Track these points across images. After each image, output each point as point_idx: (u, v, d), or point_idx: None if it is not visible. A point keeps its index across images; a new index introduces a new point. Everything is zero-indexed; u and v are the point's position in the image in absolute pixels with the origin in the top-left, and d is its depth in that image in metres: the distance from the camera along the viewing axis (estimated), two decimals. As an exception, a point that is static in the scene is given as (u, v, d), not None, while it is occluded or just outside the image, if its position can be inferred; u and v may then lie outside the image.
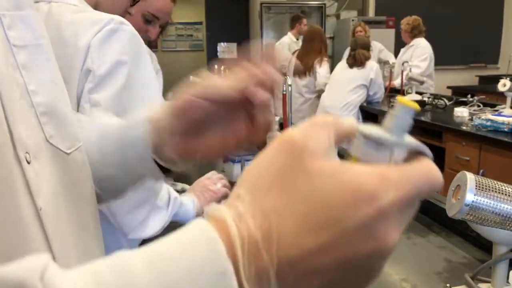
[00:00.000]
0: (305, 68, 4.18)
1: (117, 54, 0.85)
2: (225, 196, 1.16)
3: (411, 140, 0.30)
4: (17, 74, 0.43)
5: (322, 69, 4.17)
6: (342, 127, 0.30)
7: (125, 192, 0.62)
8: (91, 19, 0.87)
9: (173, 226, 1.03)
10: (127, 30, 0.87)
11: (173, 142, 0.51)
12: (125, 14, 1.01)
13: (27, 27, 0.45)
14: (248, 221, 0.27)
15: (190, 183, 1.43)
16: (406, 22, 4.61)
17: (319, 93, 4.19)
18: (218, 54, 7.11)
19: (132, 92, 0.86)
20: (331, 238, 0.27)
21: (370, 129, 0.30)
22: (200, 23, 7.77)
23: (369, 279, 0.29)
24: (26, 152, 0.40)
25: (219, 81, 0.47)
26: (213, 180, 1.17)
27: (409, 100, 0.30)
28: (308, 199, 0.27)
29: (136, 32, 0.90)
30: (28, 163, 0.40)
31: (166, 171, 0.55)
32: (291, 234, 0.27)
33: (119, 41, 0.86)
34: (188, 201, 1.05)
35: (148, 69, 0.91)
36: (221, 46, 7.16)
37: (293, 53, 4.45)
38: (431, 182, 0.29)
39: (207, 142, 0.50)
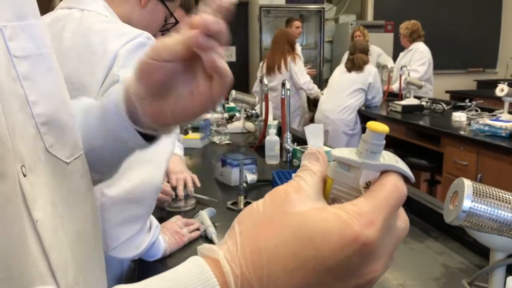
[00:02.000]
0: (273, 66, 4.25)
1: None
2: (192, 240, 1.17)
3: (381, 162, 0.33)
4: (18, 85, 0.43)
5: (297, 66, 4.21)
6: (319, 166, 0.34)
7: (115, 166, 0.62)
8: (120, 30, 0.90)
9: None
10: None
11: (142, 107, 0.51)
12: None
13: (29, 37, 0.45)
14: (241, 260, 0.30)
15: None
16: (405, 26, 4.62)
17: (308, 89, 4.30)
18: (217, 57, 7.15)
19: None
20: (319, 275, 0.29)
21: (343, 152, 0.34)
22: (199, 26, 7.77)
23: None
24: (22, 166, 0.40)
25: (166, 41, 0.48)
26: (179, 224, 1.18)
27: (378, 124, 0.33)
28: (297, 237, 0.30)
29: None
30: (24, 176, 0.40)
31: (149, 139, 0.56)
32: (281, 271, 0.29)
33: None
34: (160, 237, 1.05)
35: None
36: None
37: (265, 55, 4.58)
38: (400, 197, 0.32)
39: (175, 103, 0.50)
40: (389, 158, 0.34)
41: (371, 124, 0.33)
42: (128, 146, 0.57)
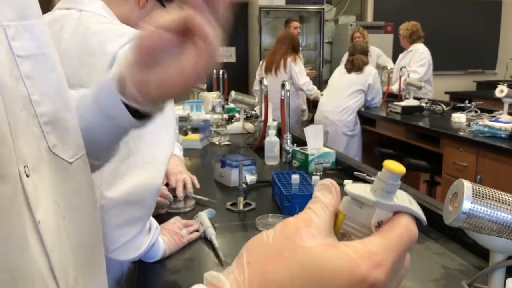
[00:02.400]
0: (271, 66, 4.24)
1: None
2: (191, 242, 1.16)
3: (395, 202, 0.33)
4: (21, 85, 0.43)
5: (297, 67, 4.20)
6: (331, 199, 0.34)
7: (110, 148, 0.62)
8: (118, 30, 0.89)
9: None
10: None
11: (130, 74, 0.52)
12: None
13: (32, 37, 0.45)
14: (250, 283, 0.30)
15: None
16: (404, 27, 4.63)
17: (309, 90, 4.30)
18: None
19: None
20: None
21: (357, 189, 0.33)
22: (199, 27, 7.78)
23: None
24: (25, 166, 0.40)
25: (163, 15, 0.50)
26: (178, 226, 1.17)
27: (395, 164, 0.33)
28: (305, 271, 0.30)
29: None
30: (27, 176, 0.40)
31: (137, 117, 0.56)
32: None
33: None
34: (160, 239, 1.04)
35: None
36: (220, 50, 7.18)
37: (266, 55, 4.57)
38: (410, 240, 0.32)
39: (161, 74, 0.51)
40: (403, 198, 0.34)
41: (388, 164, 0.33)
42: (117, 123, 0.57)
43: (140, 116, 0.56)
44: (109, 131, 0.59)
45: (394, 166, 0.32)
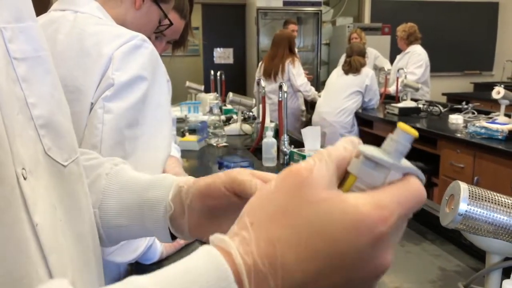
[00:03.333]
0: (270, 72, 4.22)
1: (138, 69, 0.86)
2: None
3: (406, 164, 0.33)
4: (17, 87, 0.43)
5: (295, 68, 4.19)
6: (341, 155, 0.33)
7: (127, 240, 0.62)
8: (114, 32, 0.89)
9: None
10: (149, 48, 0.89)
11: (188, 217, 0.52)
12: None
13: (28, 39, 0.45)
14: (253, 249, 0.29)
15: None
16: (402, 29, 4.64)
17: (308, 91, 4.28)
18: (214, 59, 7.14)
19: (145, 107, 0.87)
20: (333, 264, 0.29)
21: (372, 150, 0.32)
22: (197, 28, 7.79)
23: None
24: (23, 168, 0.40)
25: (246, 177, 0.48)
26: None
27: (409, 127, 0.32)
28: (311, 228, 0.29)
29: (156, 52, 0.91)
30: (25, 179, 0.40)
31: (173, 237, 0.56)
32: (295, 261, 0.29)
33: (141, 57, 0.87)
34: (157, 241, 1.04)
35: (163, 89, 0.92)
36: (217, 52, 7.18)
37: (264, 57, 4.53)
38: (418, 201, 0.32)
39: (220, 227, 0.50)
40: (407, 163, 0.33)
41: (402, 125, 0.32)
42: (151, 235, 0.58)
43: None
44: (139, 235, 0.59)
45: (408, 128, 0.32)
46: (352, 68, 3.88)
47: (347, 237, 0.29)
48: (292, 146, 2.04)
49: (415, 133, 0.32)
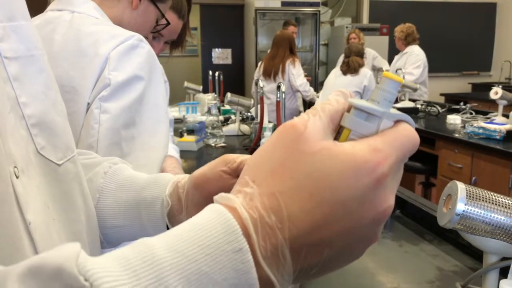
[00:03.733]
0: (270, 72, 4.21)
1: (135, 69, 0.86)
2: None
3: (395, 111, 0.33)
4: (9, 86, 0.42)
5: (295, 68, 4.19)
6: (334, 108, 0.34)
7: (125, 241, 0.62)
8: (111, 32, 0.88)
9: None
10: (146, 48, 0.89)
11: (187, 212, 0.52)
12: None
13: (20, 38, 0.45)
14: (258, 204, 0.30)
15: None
16: (400, 29, 4.64)
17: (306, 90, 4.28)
18: (212, 59, 7.14)
19: (142, 108, 0.87)
20: (336, 211, 0.30)
21: (362, 101, 0.33)
22: (195, 28, 7.79)
23: (370, 244, 0.33)
24: (15, 167, 0.40)
25: (235, 155, 0.50)
26: None
27: (393, 74, 0.33)
28: (312, 178, 0.30)
29: (153, 52, 0.91)
30: (17, 177, 0.40)
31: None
32: (300, 211, 0.30)
33: (138, 57, 0.87)
34: None
35: (160, 89, 0.92)
36: (216, 52, 7.18)
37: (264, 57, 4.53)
38: (413, 144, 0.33)
39: None
40: (396, 111, 0.34)
41: (388, 74, 0.33)
42: (149, 234, 0.58)
43: None
44: (137, 235, 0.59)
45: (393, 76, 0.32)
46: (350, 68, 3.88)
47: (348, 183, 0.30)
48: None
49: (401, 80, 0.33)
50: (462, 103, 3.55)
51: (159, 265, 0.27)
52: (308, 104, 4.68)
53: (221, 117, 2.94)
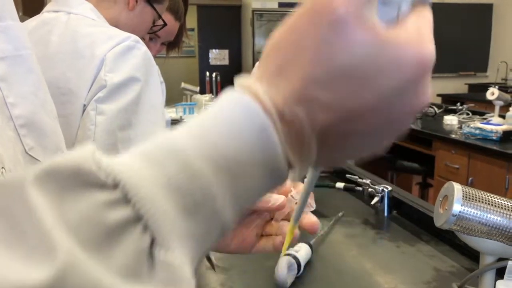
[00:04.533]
0: None
1: (131, 70, 0.86)
2: None
3: None
4: None
5: None
6: None
7: None
8: (107, 33, 0.88)
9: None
10: (142, 49, 0.89)
11: None
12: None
13: (8, 38, 0.45)
14: (282, 91, 0.27)
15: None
16: (396, 30, 4.65)
17: None
18: (209, 60, 7.14)
19: (139, 109, 0.87)
20: (373, 103, 0.27)
21: None
22: (192, 29, 7.79)
23: (399, 133, 0.30)
24: (2, 167, 0.40)
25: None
26: None
27: None
28: (347, 67, 0.27)
29: (150, 53, 0.91)
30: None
31: None
32: (331, 100, 0.27)
33: (134, 58, 0.87)
34: None
35: (157, 90, 0.92)
36: (213, 53, 7.18)
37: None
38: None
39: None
40: None
41: None
42: None
43: None
44: None
45: None
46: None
47: (391, 74, 0.27)
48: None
49: None
50: (458, 104, 3.56)
51: (183, 151, 0.25)
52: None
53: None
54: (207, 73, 4.26)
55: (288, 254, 0.96)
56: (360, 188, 1.41)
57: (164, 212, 0.23)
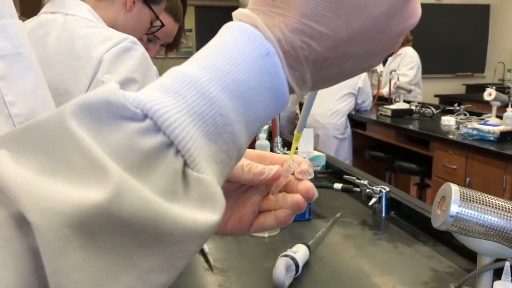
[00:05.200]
0: None
1: (128, 71, 0.85)
2: None
3: None
4: None
5: None
6: None
7: None
8: (104, 34, 0.88)
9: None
10: (140, 51, 0.89)
11: None
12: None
13: (6, 37, 0.45)
14: (278, 23, 0.29)
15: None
16: (394, 31, 4.66)
17: None
18: (207, 61, 7.13)
19: None
20: (364, 28, 0.29)
21: None
22: (190, 30, 7.78)
23: (390, 52, 0.33)
24: None
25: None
26: None
27: None
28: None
29: (147, 54, 0.91)
30: None
31: None
32: (325, 30, 0.29)
33: (132, 59, 0.87)
34: None
35: None
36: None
37: None
38: None
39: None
40: None
41: None
42: None
43: None
44: None
45: None
46: (345, 70, 3.88)
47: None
48: (286, 148, 2.04)
49: None
50: (456, 105, 3.56)
51: (198, 81, 0.27)
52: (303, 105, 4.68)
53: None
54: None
55: (286, 255, 0.96)
56: (358, 189, 1.41)
57: (191, 137, 0.26)
